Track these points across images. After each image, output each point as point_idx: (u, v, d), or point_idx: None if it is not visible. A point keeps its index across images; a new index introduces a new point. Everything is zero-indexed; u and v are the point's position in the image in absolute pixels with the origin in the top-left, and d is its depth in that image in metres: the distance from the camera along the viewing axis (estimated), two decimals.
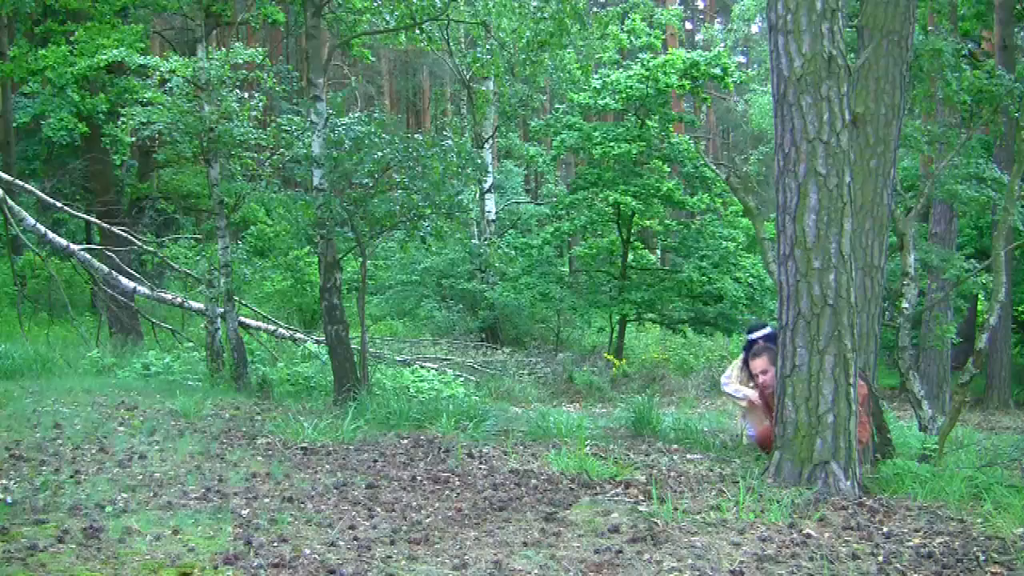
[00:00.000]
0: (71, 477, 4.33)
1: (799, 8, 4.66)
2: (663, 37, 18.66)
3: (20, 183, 12.32)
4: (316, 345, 10.95)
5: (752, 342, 6.32)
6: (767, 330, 6.30)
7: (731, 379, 6.53)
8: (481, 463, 5.30)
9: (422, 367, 11.36)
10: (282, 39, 27.25)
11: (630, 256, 16.13)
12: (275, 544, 3.43)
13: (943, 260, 12.12)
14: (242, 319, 10.84)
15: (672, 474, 5.09)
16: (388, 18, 9.07)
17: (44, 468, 4.51)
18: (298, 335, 12.05)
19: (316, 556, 3.29)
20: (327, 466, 5.01)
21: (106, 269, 11.10)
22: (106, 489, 4.13)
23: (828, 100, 4.63)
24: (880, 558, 3.46)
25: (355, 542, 3.51)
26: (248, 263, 9.92)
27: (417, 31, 9.38)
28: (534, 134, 18.71)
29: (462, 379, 11.31)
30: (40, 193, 12.36)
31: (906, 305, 6.38)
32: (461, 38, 17.76)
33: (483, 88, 17.31)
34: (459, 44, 17.61)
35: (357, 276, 11.81)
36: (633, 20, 16.96)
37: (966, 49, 10.07)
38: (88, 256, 11.22)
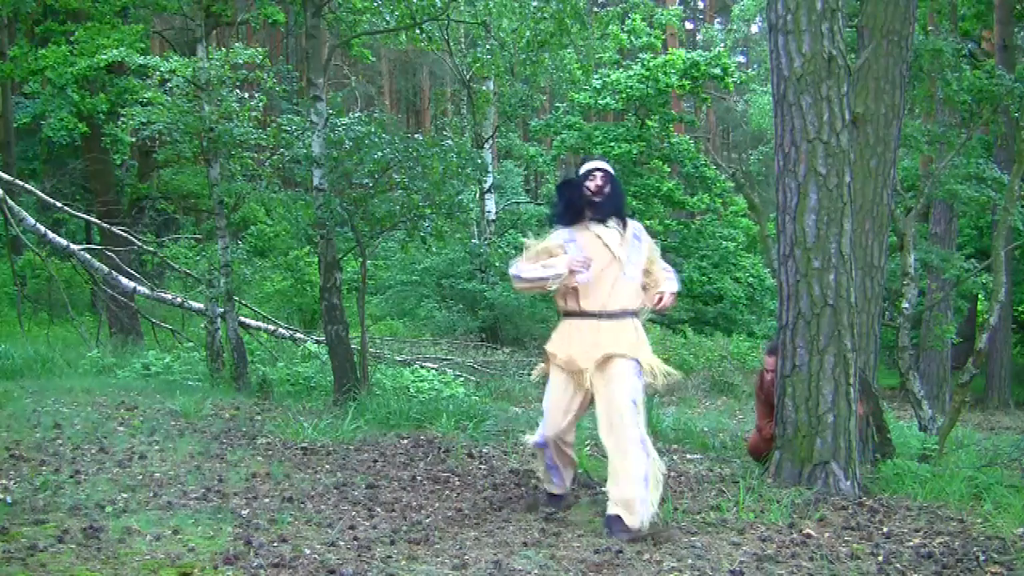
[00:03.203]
0: (71, 477, 4.33)
1: (799, 8, 4.66)
2: (663, 37, 18.63)
3: (20, 183, 12.30)
4: (316, 345, 10.93)
5: (586, 175, 4.04)
6: (602, 163, 4.00)
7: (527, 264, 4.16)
8: (481, 463, 5.29)
9: (422, 367, 11.33)
10: (282, 39, 27.25)
11: None
12: (275, 544, 3.43)
13: (943, 260, 12.12)
14: (242, 319, 10.81)
15: (672, 474, 5.09)
16: (388, 18, 9.06)
17: (44, 468, 4.50)
18: (298, 335, 12.02)
19: (316, 556, 3.29)
20: (327, 466, 5.01)
21: (106, 269, 11.08)
22: (106, 489, 4.12)
23: (828, 100, 4.63)
24: (880, 558, 3.46)
25: (355, 542, 3.51)
26: (248, 263, 9.90)
27: (417, 31, 9.37)
28: (534, 134, 18.69)
29: (462, 379, 11.28)
30: (40, 193, 12.34)
31: (906, 305, 6.38)
32: (461, 38, 17.73)
33: (483, 88, 17.29)
34: (459, 44, 17.58)
35: (357, 276, 11.80)
36: (633, 20, 16.95)
37: (966, 49, 10.06)
38: (88, 256, 11.19)
